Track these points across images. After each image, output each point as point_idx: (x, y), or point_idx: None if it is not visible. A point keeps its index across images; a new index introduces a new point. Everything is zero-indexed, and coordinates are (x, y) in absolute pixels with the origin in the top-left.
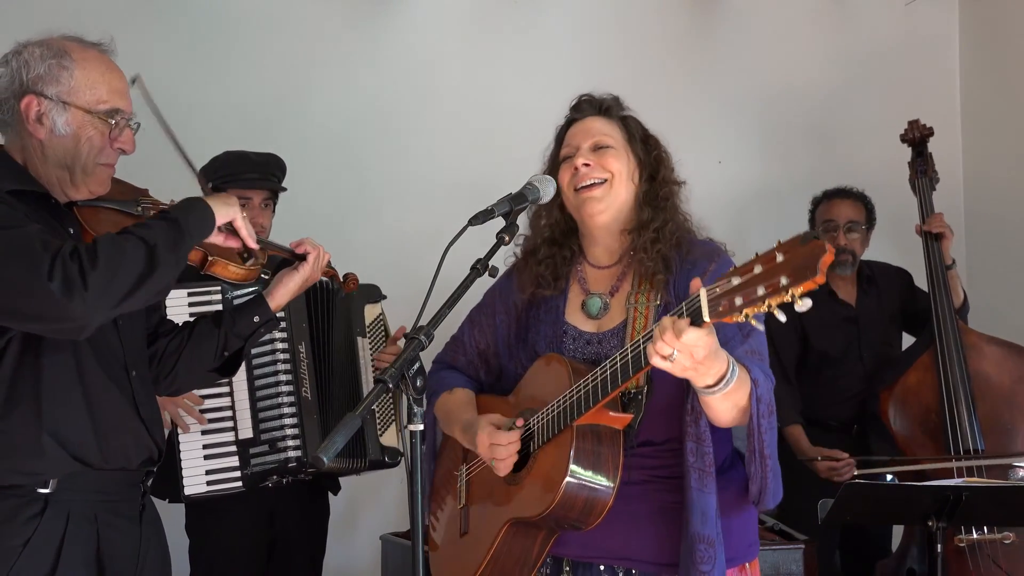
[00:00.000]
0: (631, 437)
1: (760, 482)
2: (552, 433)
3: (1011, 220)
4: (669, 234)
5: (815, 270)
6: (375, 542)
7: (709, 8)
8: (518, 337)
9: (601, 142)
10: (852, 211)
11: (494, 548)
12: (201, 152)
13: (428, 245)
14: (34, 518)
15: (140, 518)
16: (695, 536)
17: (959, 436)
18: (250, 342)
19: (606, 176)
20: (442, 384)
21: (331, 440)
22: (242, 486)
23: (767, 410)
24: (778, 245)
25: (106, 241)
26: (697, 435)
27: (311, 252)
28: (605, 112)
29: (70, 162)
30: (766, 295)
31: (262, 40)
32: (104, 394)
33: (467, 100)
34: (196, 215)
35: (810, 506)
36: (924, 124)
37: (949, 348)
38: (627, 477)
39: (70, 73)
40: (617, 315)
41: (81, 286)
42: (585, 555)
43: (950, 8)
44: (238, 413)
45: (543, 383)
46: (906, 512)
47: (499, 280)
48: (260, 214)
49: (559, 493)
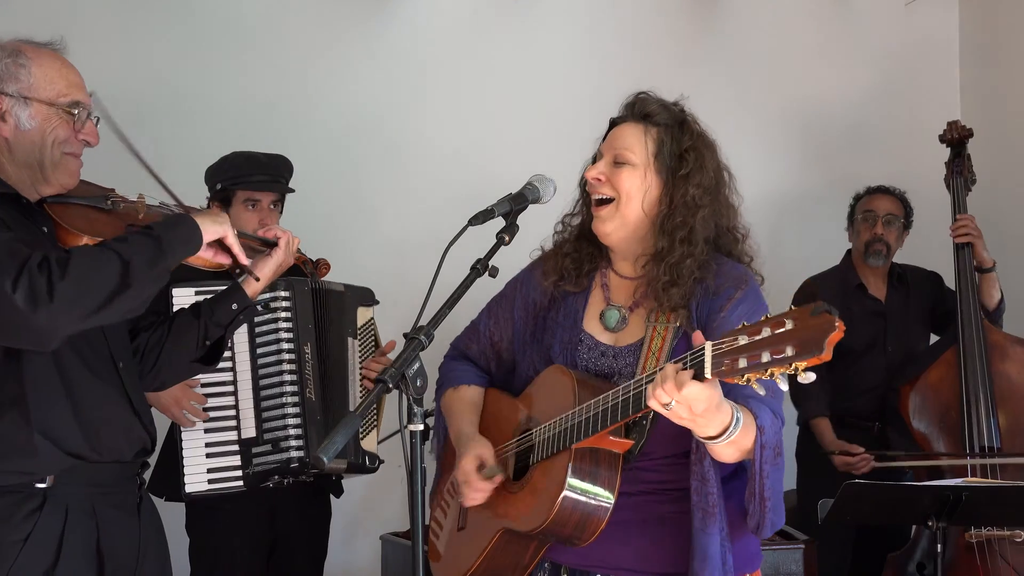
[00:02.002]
0: (631, 459)
1: (758, 519)
2: (552, 450)
3: (1012, 221)
4: (687, 275)
5: (821, 347)
6: (375, 542)
7: (709, 10)
8: (534, 336)
9: (621, 157)
10: (892, 205)
11: (487, 551)
12: (201, 153)
13: (428, 246)
14: (33, 513)
15: (138, 510)
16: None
17: (976, 434)
18: (230, 330)
19: (613, 196)
20: (451, 378)
21: (331, 440)
22: (243, 486)
23: (772, 455)
24: (789, 311)
25: (80, 253)
26: (701, 475)
27: (281, 237)
28: (645, 118)
29: (38, 155)
30: (770, 363)
31: (261, 42)
32: (93, 388)
33: (467, 101)
34: (181, 233)
35: (813, 507)
36: (963, 125)
37: (972, 346)
38: (626, 488)
39: (28, 70)
40: (635, 331)
41: (46, 298)
42: (583, 564)
43: (950, 8)
44: (241, 412)
45: (550, 396)
46: (906, 512)
47: (522, 272)
48: (269, 215)
49: (553, 511)
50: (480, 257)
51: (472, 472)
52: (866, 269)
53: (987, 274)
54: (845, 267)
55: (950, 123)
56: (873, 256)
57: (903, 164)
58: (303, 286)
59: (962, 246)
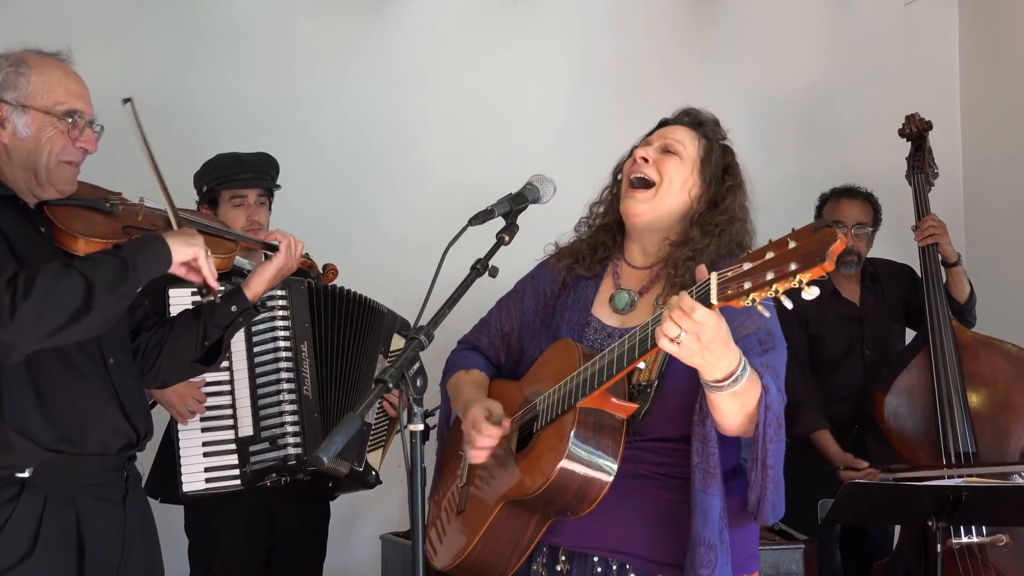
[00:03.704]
0: (634, 428)
1: (759, 491)
2: (556, 414)
3: (1010, 217)
4: (705, 258)
5: (823, 256)
6: (375, 542)
7: (707, 7)
8: (543, 323)
9: (670, 146)
10: (860, 212)
11: (488, 526)
12: (201, 155)
13: (428, 246)
14: (10, 502)
15: (124, 502)
16: (696, 538)
17: (951, 437)
18: (229, 332)
19: (655, 180)
20: (460, 363)
21: (331, 440)
22: (240, 484)
23: (775, 420)
24: (792, 232)
25: (47, 273)
26: (703, 435)
27: (282, 241)
28: (698, 126)
29: (34, 162)
30: (774, 279)
31: (259, 44)
32: (77, 384)
33: (466, 102)
34: (150, 253)
35: (813, 507)
36: (922, 118)
37: (943, 349)
38: (629, 471)
39: (27, 79)
40: (643, 314)
41: (8, 316)
42: (581, 545)
43: (950, 6)
44: (239, 411)
45: (553, 366)
46: (906, 512)
47: (534, 268)
48: (256, 211)
49: (555, 471)
50: (480, 257)
51: (480, 418)
52: (838, 274)
53: (954, 268)
54: None
55: (908, 116)
56: (844, 266)
57: (903, 163)
58: (300, 285)
59: (927, 248)
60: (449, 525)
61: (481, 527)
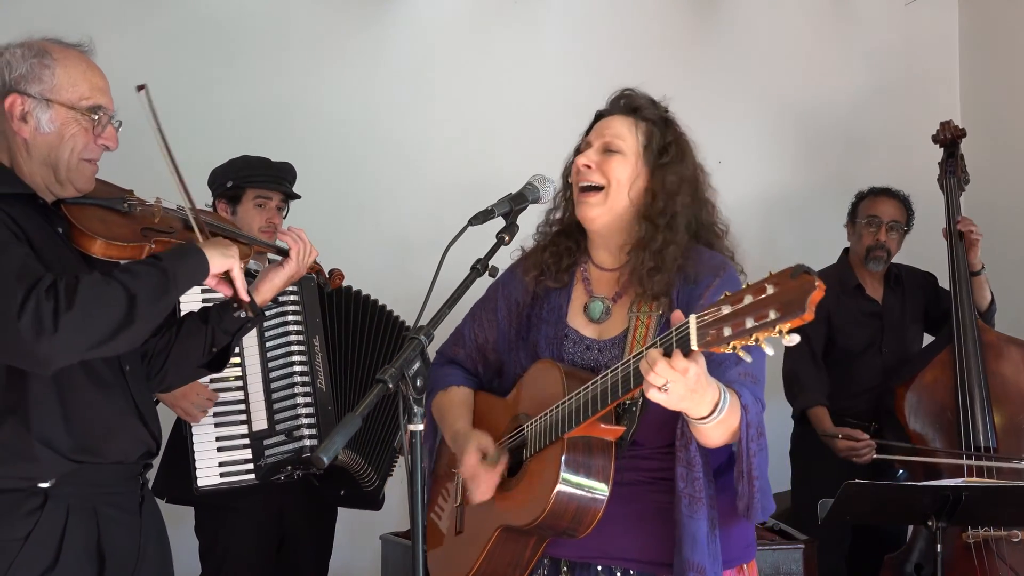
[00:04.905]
0: (623, 447)
1: (747, 500)
2: (544, 443)
3: (1011, 220)
4: (671, 261)
5: (803, 307)
6: (375, 542)
7: (708, 9)
8: (519, 335)
9: (611, 145)
10: (896, 211)
11: (486, 551)
12: (201, 155)
13: (428, 246)
14: (34, 512)
15: (140, 510)
16: (686, 563)
17: (972, 435)
18: (237, 337)
19: (603, 183)
20: (439, 381)
21: (331, 440)
22: (255, 478)
23: (756, 434)
24: (769, 276)
25: (88, 283)
26: (687, 460)
27: (293, 247)
28: (634, 112)
29: (55, 159)
30: (754, 328)
31: (261, 44)
32: (95, 394)
33: (467, 101)
34: (189, 264)
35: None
36: (956, 125)
37: (967, 347)
38: (621, 478)
39: (52, 71)
40: (619, 323)
41: (51, 327)
42: (582, 556)
43: (950, 8)
44: (252, 406)
45: (539, 389)
46: (906, 512)
47: (503, 274)
48: (276, 215)
49: (549, 504)
50: (480, 257)
51: (476, 465)
52: (864, 270)
53: (977, 277)
54: (842, 267)
55: (943, 123)
56: (873, 261)
57: (902, 164)
58: (310, 282)
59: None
60: (448, 545)
61: (481, 550)
